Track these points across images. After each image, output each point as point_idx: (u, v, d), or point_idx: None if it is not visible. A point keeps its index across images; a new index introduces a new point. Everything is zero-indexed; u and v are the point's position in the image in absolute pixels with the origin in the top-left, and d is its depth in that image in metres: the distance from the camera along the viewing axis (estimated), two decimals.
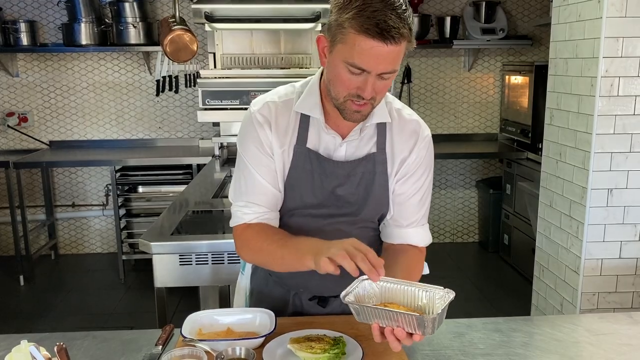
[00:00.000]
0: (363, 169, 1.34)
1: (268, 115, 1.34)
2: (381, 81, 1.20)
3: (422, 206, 1.40)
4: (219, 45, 2.81)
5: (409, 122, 1.38)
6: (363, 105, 1.23)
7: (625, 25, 2.39)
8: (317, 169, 1.33)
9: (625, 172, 2.51)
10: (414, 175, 1.37)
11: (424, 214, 1.42)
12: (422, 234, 1.42)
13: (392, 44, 1.14)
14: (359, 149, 1.35)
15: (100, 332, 1.38)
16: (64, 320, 3.58)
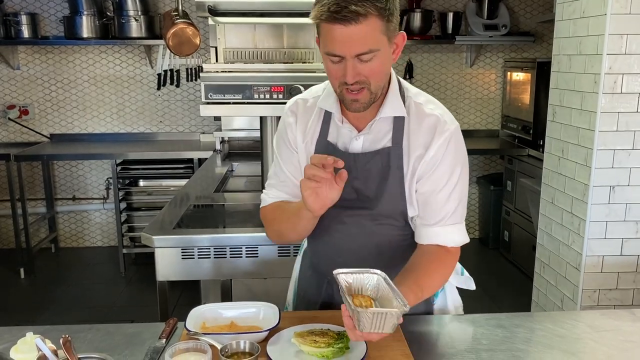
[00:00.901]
0: (377, 163, 1.34)
1: (295, 111, 1.41)
2: (363, 64, 1.19)
3: (448, 204, 1.33)
4: (221, 39, 2.80)
5: (427, 116, 1.33)
6: (358, 93, 1.23)
7: (629, 22, 2.38)
8: None
9: (628, 170, 2.51)
10: (436, 172, 1.32)
11: (453, 212, 1.34)
12: (450, 233, 1.34)
13: (353, 24, 1.14)
14: (375, 142, 1.34)
15: (103, 325, 1.38)
16: (65, 313, 3.59)
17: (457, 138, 1.33)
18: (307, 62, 2.49)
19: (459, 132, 1.35)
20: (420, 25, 4.45)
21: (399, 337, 1.29)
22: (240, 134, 3.87)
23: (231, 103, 2.18)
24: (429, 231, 1.35)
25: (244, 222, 2.26)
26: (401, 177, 1.33)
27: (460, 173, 1.34)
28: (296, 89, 2.16)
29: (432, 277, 1.32)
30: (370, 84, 1.23)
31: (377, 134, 1.34)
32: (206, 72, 2.18)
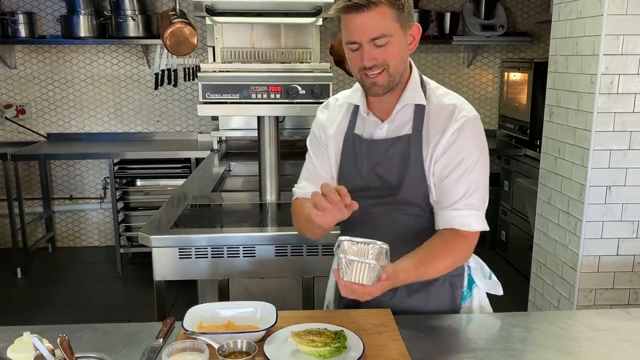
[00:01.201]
0: (398, 149, 1.41)
1: (326, 109, 1.55)
2: (378, 49, 1.30)
3: (460, 187, 1.36)
4: (218, 38, 2.80)
5: (446, 106, 1.41)
6: (377, 77, 1.33)
7: (625, 23, 2.39)
8: (360, 150, 1.45)
9: (624, 170, 2.52)
10: (449, 156, 1.37)
11: (466, 196, 1.37)
12: (463, 217, 1.37)
13: (366, 11, 1.27)
14: (397, 130, 1.42)
15: (101, 325, 1.38)
16: (62, 313, 3.58)
17: (473, 126, 1.39)
18: (304, 62, 2.49)
19: (476, 121, 1.40)
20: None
21: (395, 336, 1.29)
22: (237, 134, 3.88)
23: (229, 103, 2.18)
24: (443, 215, 1.39)
25: (241, 221, 2.26)
26: (421, 163, 1.39)
27: (476, 160, 1.37)
28: (294, 89, 2.16)
29: (439, 258, 1.35)
30: (388, 66, 1.33)
31: (400, 122, 1.42)
32: (204, 71, 2.18)
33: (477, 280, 1.54)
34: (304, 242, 1.98)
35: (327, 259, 1.99)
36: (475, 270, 1.55)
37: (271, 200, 2.43)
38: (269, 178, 2.43)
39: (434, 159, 1.38)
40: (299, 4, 2.24)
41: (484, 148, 1.41)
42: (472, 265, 1.55)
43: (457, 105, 1.40)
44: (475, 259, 1.56)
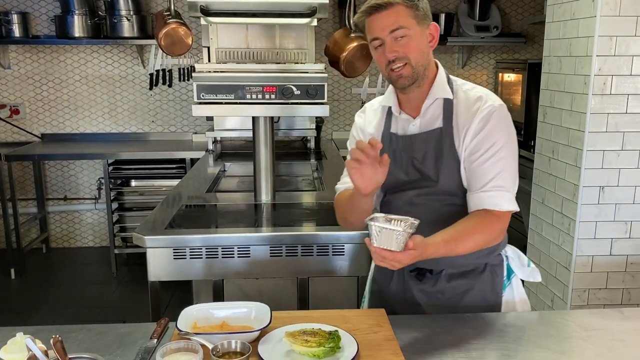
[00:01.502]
0: (432, 142, 1.50)
1: (363, 114, 1.66)
2: (398, 43, 1.43)
3: (489, 171, 1.44)
4: (213, 39, 2.80)
5: (473, 98, 1.50)
6: (401, 69, 1.45)
7: (618, 24, 2.40)
8: (398, 147, 1.54)
9: (617, 170, 2.54)
10: (477, 142, 1.45)
11: (496, 178, 1.44)
12: (492, 197, 1.44)
13: (384, 11, 1.42)
14: (429, 124, 1.52)
15: (95, 325, 1.38)
16: (56, 314, 3.57)
17: (499, 113, 1.46)
18: (299, 62, 2.49)
19: (502, 109, 1.48)
20: None
21: (389, 336, 1.30)
22: (232, 134, 3.88)
23: (223, 103, 2.17)
24: (474, 197, 1.47)
25: (236, 222, 2.25)
26: (454, 153, 1.48)
27: (503, 144, 1.45)
28: (288, 90, 2.16)
29: (470, 234, 1.41)
30: (410, 59, 1.44)
31: (430, 117, 1.52)
32: (198, 72, 2.18)
33: (515, 269, 1.60)
34: (298, 242, 1.98)
35: (322, 259, 1.99)
36: (513, 259, 1.61)
37: (266, 200, 2.43)
38: (264, 178, 2.43)
39: (464, 147, 1.47)
40: (294, 5, 2.24)
41: (511, 134, 1.48)
42: (509, 254, 1.60)
43: (482, 96, 1.49)
44: (512, 248, 1.62)
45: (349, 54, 2.66)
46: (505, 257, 1.60)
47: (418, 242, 1.28)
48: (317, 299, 2.18)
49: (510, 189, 1.46)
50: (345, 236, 1.99)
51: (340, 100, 4.74)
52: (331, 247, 1.99)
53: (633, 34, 2.41)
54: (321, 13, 2.29)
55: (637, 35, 2.42)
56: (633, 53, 2.43)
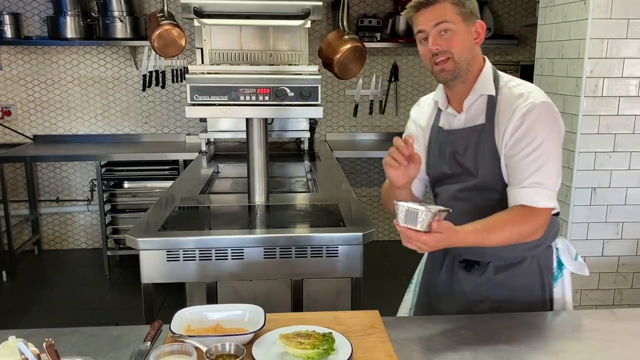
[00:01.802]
0: (474, 138, 1.54)
1: (418, 107, 1.74)
2: (442, 37, 1.47)
3: (528, 167, 1.46)
4: (207, 40, 2.79)
5: (515, 95, 1.51)
6: (444, 63, 1.49)
7: (610, 27, 2.42)
8: (443, 140, 1.61)
9: (609, 172, 2.56)
10: (516, 139, 1.47)
11: (534, 175, 1.46)
12: (530, 194, 1.46)
13: (430, 7, 1.48)
14: (472, 120, 1.56)
15: (87, 328, 1.37)
16: (48, 316, 3.55)
17: (541, 110, 1.46)
18: (293, 64, 2.50)
19: (544, 106, 1.47)
20: (405, 28, 4.48)
21: (383, 338, 1.30)
22: (226, 135, 3.87)
23: (217, 104, 2.17)
24: (513, 193, 1.49)
25: (229, 224, 2.25)
26: (494, 149, 1.51)
27: (542, 141, 1.45)
28: (282, 91, 2.16)
29: (504, 227, 1.44)
30: (452, 53, 1.48)
31: (474, 113, 1.55)
32: (192, 73, 2.18)
33: (565, 261, 1.62)
34: (292, 244, 1.98)
35: (316, 260, 1.99)
36: (563, 252, 1.63)
37: (260, 202, 2.43)
38: (258, 180, 2.43)
39: (504, 143, 1.49)
40: (287, 7, 2.24)
41: (553, 131, 1.48)
42: (560, 247, 1.63)
43: (524, 93, 1.50)
44: (562, 240, 1.65)
45: (343, 55, 2.65)
46: (555, 249, 1.62)
47: (444, 226, 1.32)
48: (311, 301, 2.18)
49: (549, 186, 1.47)
50: (339, 237, 1.99)
51: (333, 102, 4.75)
52: (325, 248, 1.99)
53: (624, 37, 2.44)
54: (315, 15, 2.29)
55: (628, 38, 2.44)
56: (624, 55, 2.45)
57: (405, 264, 4.45)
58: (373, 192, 4.95)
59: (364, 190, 4.95)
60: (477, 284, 1.60)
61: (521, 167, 1.47)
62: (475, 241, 1.42)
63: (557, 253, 1.62)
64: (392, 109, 4.80)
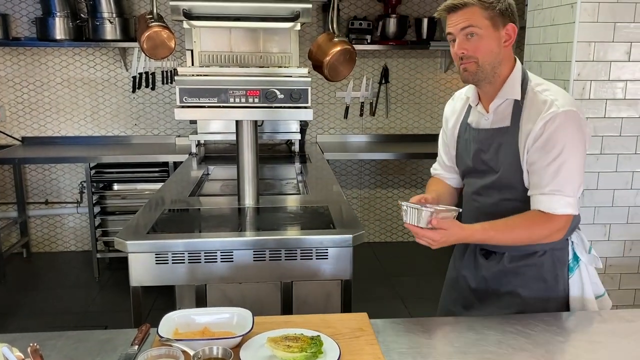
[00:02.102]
0: (498, 139, 1.60)
1: (452, 101, 1.82)
2: (469, 41, 1.53)
3: (547, 174, 1.51)
4: (197, 42, 2.79)
5: (541, 101, 1.54)
6: (465, 64, 1.55)
7: (597, 30, 2.45)
8: (470, 137, 1.68)
9: (596, 174, 2.58)
10: (537, 146, 1.52)
11: (553, 182, 1.51)
12: (547, 202, 1.52)
13: (459, 11, 1.53)
14: (499, 122, 1.61)
15: (75, 332, 1.37)
16: (36, 320, 3.52)
17: (564, 119, 1.49)
18: (283, 66, 2.50)
19: (567, 115, 1.49)
20: (395, 30, 4.50)
21: (372, 340, 1.30)
22: (216, 137, 3.86)
23: (206, 107, 2.16)
24: (533, 199, 1.55)
25: (219, 226, 2.25)
26: (517, 153, 1.56)
27: (562, 150, 1.50)
28: (272, 93, 2.16)
29: (513, 228, 1.54)
30: (477, 59, 1.54)
31: (501, 115, 1.60)
32: (181, 75, 2.17)
33: (579, 254, 1.67)
34: (282, 246, 1.98)
35: (306, 263, 1.99)
36: (577, 245, 1.67)
37: (249, 204, 2.43)
38: (248, 182, 2.43)
39: (527, 149, 1.53)
40: (277, 9, 2.24)
41: (575, 139, 1.51)
42: (574, 240, 1.67)
43: (548, 100, 1.52)
44: (577, 233, 1.68)
45: (333, 58, 2.65)
46: (570, 242, 1.66)
47: (446, 222, 1.45)
48: (301, 303, 2.18)
49: (568, 193, 1.51)
50: (329, 240, 1.99)
51: (324, 104, 4.76)
52: (315, 250, 1.99)
53: (611, 40, 2.46)
54: (304, 17, 2.29)
55: (614, 42, 2.46)
56: (611, 59, 2.48)
57: (396, 266, 4.48)
58: (364, 193, 4.96)
59: (355, 192, 4.96)
60: (494, 272, 1.68)
61: (541, 174, 1.52)
62: (482, 238, 1.54)
63: (572, 246, 1.67)
64: (382, 111, 4.81)
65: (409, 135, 4.86)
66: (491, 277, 1.69)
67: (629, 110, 2.53)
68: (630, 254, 2.67)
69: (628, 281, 2.70)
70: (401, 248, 4.91)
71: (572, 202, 1.53)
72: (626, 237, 2.66)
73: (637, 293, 2.73)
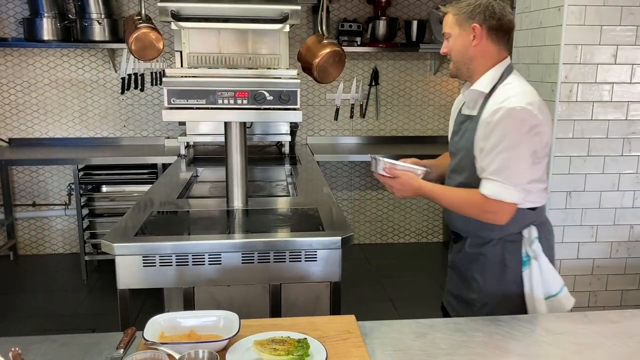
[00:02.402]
0: (465, 125, 1.79)
1: (461, 95, 1.92)
2: (447, 42, 1.78)
3: (488, 161, 1.66)
4: (185, 43, 2.77)
5: (498, 96, 1.68)
6: (450, 63, 1.82)
7: (584, 33, 2.47)
8: (455, 120, 1.90)
9: (583, 176, 2.60)
10: (483, 136, 1.66)
11: (492, 169, 1.65)
12: (485, 185, 1.67)
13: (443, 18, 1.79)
14: (468, 110, 1.80)
15: (59, 336, 1.35)
16: (23, 323, 3.48)
17: (508, 114, 1.62)
18: (272, 67, 2.49)
19: (515, 112, 1.62)
20: (385, 32, 4.51)
21: (359, 343, 1.30)
22: (205, 139, 3.85)
23: (195, 108, 2.15)
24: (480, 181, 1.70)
25: (207, 228, 2.24)
26: (472, 139, 1.71)
27: (501, 141, 1.63)
28: (261, 95, 2.15)
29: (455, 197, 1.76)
30: (451, 56, 1.78)
31: (472, 104, 1.78)
32: (169, 76, 2.16)
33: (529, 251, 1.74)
34: (270, 248, 1.98)
35: (294, 265, 1.99)
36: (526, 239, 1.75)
37: (238, 206, 2.42)
38: (236, 184, 2.42)
39: (477, 136, 1.69)
40: (266, 11, 2.24)
41: (514, 134, 1.62)
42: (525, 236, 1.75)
43: (505, 95, 1.66)
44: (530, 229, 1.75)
45: (322, 60, 2.65)
46: (522, 237, 1.76)
47: (397, 172, 1.76)
48: (290, 306, 2.17)
49: (504, 181, 1.63)
50: (318, 242, 1.99)
51: (314, 106, 4.76)
52: (304, 253, 1.99)
53: (597, 43, 2.48)
54: (293, 19, 2.29)
55: (601, 44, 2.48)
56: (597, 61, 2.50)
57: (386, 268, 4.48)
58: (354, 195, 4.97)
59: (345, 194, 4.96)
60: (458, 254, 1.88)
61: (484, 159, 1.66)
62: (428, 194, 1.77)
63: (523, 241, 1.76)
64: (372, 113, 4.82)
65: (399, 137, 4.87)
66: (458, 261, 1.88)
67: (615, 113, 2.55)
68: (617, 255, 2.69)
69: (615, 282, 2.72)
70: (391, 250, 4.92)
71: (508, 191, 1.63)
72: (613, 239, 2.68)
73: (624, 294, 2.75)
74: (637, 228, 2.68)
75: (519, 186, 1.64)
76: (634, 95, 2.55)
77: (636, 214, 2.66)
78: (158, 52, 2.59)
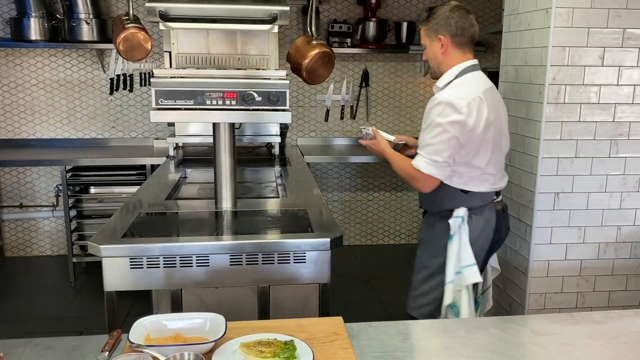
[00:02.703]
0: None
1: None
2: (425, 51, 2.24)
3: (419, 139, 2.16)
4: (174, 44, 2.77)
5: (443, 91, 2.12)
6: None
7: (571, 35, 2.48)
8: None
9: (571, 177, 2.61)
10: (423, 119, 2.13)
11: (419, 145, 2.14)
12: (415, 157, 2.14)
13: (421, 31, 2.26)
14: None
15: (43, 339, 1.34)
16: (9, 326, 3.45)
17: (437, 104, 2.07)
18: (260, 68, 2.49)
19: (440, 105, 2.06)
20: (375, 34, 4.51)
21: (345, 345, 1.30)
22: (194, 140, 3.83)
23: (183, 109, 2.14)
24: None
25: (196, 230, 2.22)
26: None
27: (429, 126, 2.08)
28: (249, 96, 2.15)
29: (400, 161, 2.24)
30: (429, 62, 2.24)
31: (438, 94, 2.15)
32: (157, 77, 2.15)
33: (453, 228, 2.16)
34: (259, 250, 1.97)
35: (283, 267, 1.98)
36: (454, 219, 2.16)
37: (227, 208, 2.41)
38: (225, 185, 2.41)
39: None
40: (254, 11, 2.23)
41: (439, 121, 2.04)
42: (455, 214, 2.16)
43: (443, 92, 2.11)
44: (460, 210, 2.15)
45: (311, 61, 2.65)
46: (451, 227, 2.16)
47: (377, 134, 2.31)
48: (278, 308, 2.16)
49: (426, 155, 2.08)
50: (307, 244, 1.98)
51: (305, 107, 4.75)
52: (292, 254, 1.98)
53: (585, 45, 2.49)
54: (282, 20, 2.29)
55: (588, 46, 2.50)
56: (585, 63, 2.51)
57: (376, 269, 4.48)
58: (344, 196, 4.97)
59: (335, 195, 4.96)
60: (423, 227, 2.35)
61: (419, 138, 2.13)
62: (388, 158, 2.27)
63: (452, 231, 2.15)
64: (363, 114, 4.83)
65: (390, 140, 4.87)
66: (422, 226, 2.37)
67: (602, 114, 2.57)
68: (604, 257, 2.71)
69: (603, 283, 2.74)
70: (381, 251, 4.93)
71: (427, 164, 2.08)
72: (600, 240, 2.69)
73: (612, 295, 2.77)
74: (624, 229, 2.70)
75: (440, 163, 2.06)
76: (621, 97, 2.56)
77: (623, 215, 2.68)
78: (146, 52, 2.57)
